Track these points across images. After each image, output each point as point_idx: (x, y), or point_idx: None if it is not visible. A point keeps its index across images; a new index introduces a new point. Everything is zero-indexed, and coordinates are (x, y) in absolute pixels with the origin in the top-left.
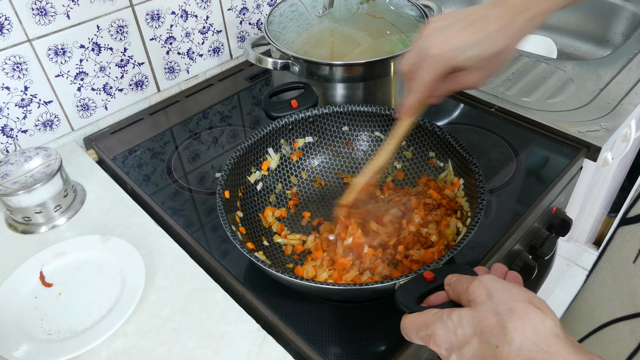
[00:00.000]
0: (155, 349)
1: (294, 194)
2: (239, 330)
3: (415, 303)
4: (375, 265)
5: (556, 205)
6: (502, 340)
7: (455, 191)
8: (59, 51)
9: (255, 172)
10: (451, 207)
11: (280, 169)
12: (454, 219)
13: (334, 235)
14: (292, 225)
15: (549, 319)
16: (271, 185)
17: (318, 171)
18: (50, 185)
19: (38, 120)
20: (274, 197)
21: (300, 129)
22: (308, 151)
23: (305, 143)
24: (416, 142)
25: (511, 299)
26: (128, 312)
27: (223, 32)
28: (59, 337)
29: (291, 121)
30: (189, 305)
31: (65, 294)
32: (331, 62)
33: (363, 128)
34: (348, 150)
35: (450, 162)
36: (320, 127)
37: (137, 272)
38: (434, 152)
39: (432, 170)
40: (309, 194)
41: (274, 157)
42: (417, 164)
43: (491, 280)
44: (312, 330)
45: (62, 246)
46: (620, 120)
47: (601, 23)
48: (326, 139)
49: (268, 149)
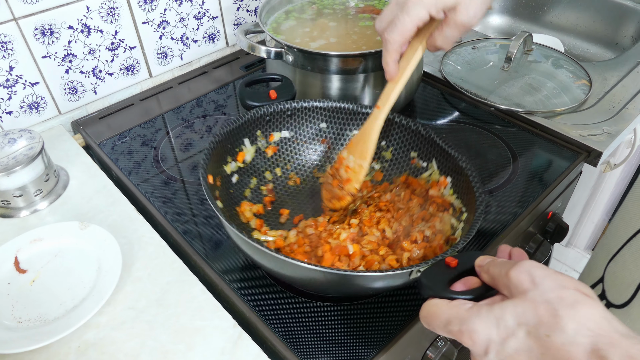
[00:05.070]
0: (128, 342)
1: (269, 190)
2: (214, 326)
3: (445, 287)
4: (370, 261)
5: (552, 210)
6: (554, 329)
7: (442, 190)
8: (46, 31)
9: (231, 163)
10: (442, 205)
11: (255, 163)
12: (447, 214)
13: (315, 230)
14: (271, 223)
15: (599, 305)
16: (246, 179)
17: (293, 168)
18: (31, 169)
19: (23, 102)
20: (249, 192)
21: (278, 121)
22: (284, 147)
23: (281, 137)
24: (397, 142)
25: (558, 286)
26: (102, 302)
27: (219, 19)
28: (29, 325)
29: (269, 112)
30: (165, 297)
31: (39, 281)
32: (325, 52)
33: (341, 126)
34: (324, 149)
35: (434, 162)
36: (297, 121)
37: (114, 261)
38: (416, 151)
39: (414, 171)
40: (285, 191)
41: (249, 148)
42: (397, 164)
43: (533, 266)
44: (289, 329)
45: (38, 232)
46: (623, 125)
47: (611, 25)
48: (302, 135)
49: (244, 139)
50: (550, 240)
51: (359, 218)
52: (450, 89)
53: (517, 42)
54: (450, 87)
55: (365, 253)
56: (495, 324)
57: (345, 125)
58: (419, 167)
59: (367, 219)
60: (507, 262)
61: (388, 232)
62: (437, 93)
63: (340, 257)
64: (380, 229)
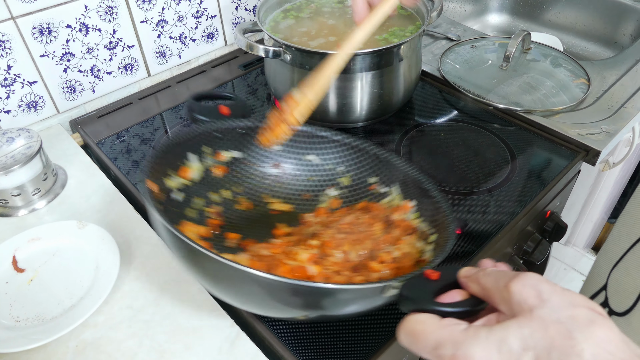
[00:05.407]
0: (125, 341)
1: (217, 214)
2: (212, 326)
3: (432, 300)
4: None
5: (551, 209)
6: (568, 354)
7: (405, 215)
8: (44, 30)
9: (173, 177)
10: (407, 229)
11: (204, 183)
12: (414, 237)
13: (271, 251)
14: (219, 247)
15: (614, 326)
16: (190, 199)
17: (243, 192)
18: (29, 168)
19: (22, 101)
20: (195, 214)
21: (228, 139)
22: (235, 169)
23: (232, 158)
24: (356, 167)
25: (570, 304)
26: (99, 301)
27: (217, 17)
28: (27, 324)
29: (219, 128)
30: (163, 297)
31: (36, 280)
32: (323, 50)
33: (297, 149)
34: (276, 174)
35: (397, 186)
36: (249, 141)
37: (111, 261)
38: (377, 176)
39: (374, 197)
40: (234, 216)
41: (195, 165)
42: (355, 190)
43: (539, 281)
44: (286, 328)
45: (37, 231)
46: (622, 124)
47: (610, 24)
48: (254, 157)
49: (188, 154)
50: (549, 239)
51: (320, 240)
52: (449, 87)
53: (516, 41)
54: (448, 86)
55: (329, 274)
56: (496, 348)
57: (301, 150)
58: (377, 193)
59: (329, 240)
60: (504, 272)
61: (352, 255)
62: (436, 92)
63: (300, 279)
64: (344, 250)
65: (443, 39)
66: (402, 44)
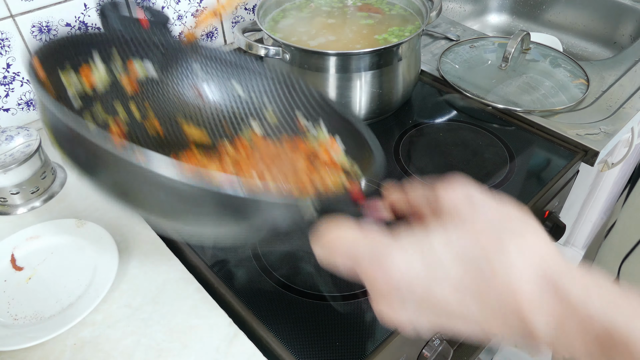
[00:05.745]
0: (123, 339)
1: (120, 133)
2: (210, 325)
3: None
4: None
5: (550, 209)
6: (499, 262)
7: (331, 150)
8: (43, 28)
9: (70, 74)
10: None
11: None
12: (338, 172)
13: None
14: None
15: (548, 238)
16: (89, 104)
17: (154, 115)
18: (27, 166)
19: (21, 99)
20: (93, 124)
21: (142, 47)
22: (148, 89)
23: (146, 78)
24: (280, 101)
25: (505, 214)
26: (97, 300)
27: (217, 17)
28: (25, 322)
29: (137, 37)
30: (161, 295)
31: (35, 278)
32: (322, 50)
33: (218, 72)
34: (199, 102)
35: (321, 122)
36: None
37: (110, 259)
38: (300, 110)
39: (299, 132)
40: (142, 136)
41: (100, 71)
42: (279, 124)
43: (470, 187)
44: (284, 327)
45: (35, 229)
46: (621, 124)
47: (609, 24)
48: (172, 79)
49: (93, 51)
50: None
51: (234, 158)
52: (448, 87)
53: (515, 41)
54: (447, 86)
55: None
56: (420, 254)
57: (226, 75)
58: (304, 128)
59: (243, 159)
60: (432, 186)
61: (267, 176)
62: (435, 92)
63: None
64: (258, 171)
65: (442, 39)
66: (401, 44)
